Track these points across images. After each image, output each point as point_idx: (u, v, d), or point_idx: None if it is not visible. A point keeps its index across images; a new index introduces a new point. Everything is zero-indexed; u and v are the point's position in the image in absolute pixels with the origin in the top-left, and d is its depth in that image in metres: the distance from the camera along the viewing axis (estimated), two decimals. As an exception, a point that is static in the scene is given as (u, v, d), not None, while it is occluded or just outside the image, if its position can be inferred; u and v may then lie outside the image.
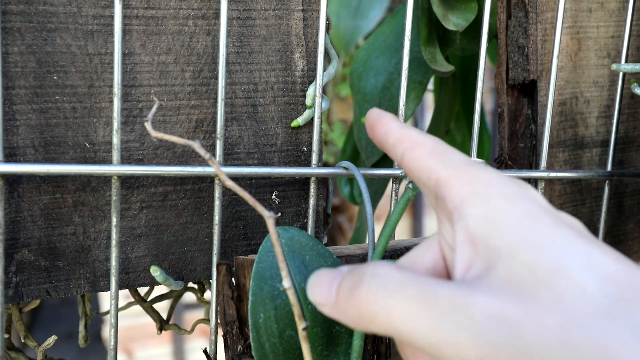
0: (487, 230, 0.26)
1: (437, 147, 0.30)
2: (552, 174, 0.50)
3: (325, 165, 1.30)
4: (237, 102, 0.44)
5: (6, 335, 0.47)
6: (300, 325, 0.32)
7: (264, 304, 0.37)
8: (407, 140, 0.31)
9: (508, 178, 0.28)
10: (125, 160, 0.42)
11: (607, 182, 0.52)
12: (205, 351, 0.45)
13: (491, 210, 0.26)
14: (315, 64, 0.45)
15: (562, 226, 0.25)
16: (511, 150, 0.53)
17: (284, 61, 0.45)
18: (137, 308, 0.52)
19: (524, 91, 0.53)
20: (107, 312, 0.48)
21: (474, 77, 0.64)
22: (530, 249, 0.24)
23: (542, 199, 0.27)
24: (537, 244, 0.24)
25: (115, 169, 0.40)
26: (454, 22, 0.53)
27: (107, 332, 1.92)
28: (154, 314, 0.52)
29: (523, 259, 0.24)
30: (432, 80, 0.72)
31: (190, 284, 0.52)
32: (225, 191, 0.45)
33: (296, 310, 0.32)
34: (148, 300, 0.51)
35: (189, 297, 1.85)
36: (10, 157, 0.40)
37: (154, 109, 0.37)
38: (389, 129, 0.32)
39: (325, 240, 0.49)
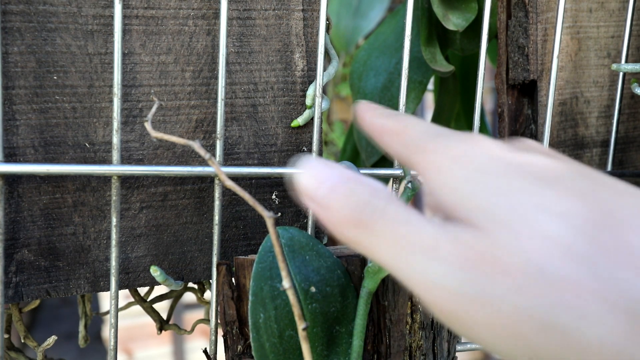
0: (446, 197, 0.26)
1: (398, 127, 0.30)
2: (552, 174, 0.50)
3: (325, 165, 1.29)
4: (237, 102, 0.44)
5: (6, 336, 0.47)
6: (300, 325, 0.32)
7: (264, 304, 0.37)
8: (376, 130, 0.31)
9: (456, 138, 0.27)
10: (125, 160, 0.42)
11: (607, 182, 0.52)
12: (205, 351, 0.45)
13: (444, 178, 0.26)
14: (315, 64, 0.45)
15: (513, 174, 0.25)
16: (511, 150, 0.53)
17: (284, 61, 0.45)
18: (137, 308, 0.52)
19: (524, 91, 0.53)
20: (107, 312, 0.48)
21: (474, 77, 0.64)
22: (482, 196, 0.24)
23: (497, 147, 0.27)
24: (490, 192, 0.24)
25: (115, 169, 0.40)
26: (454, 22, 0.53)
27: (107, 332, 1.92)
28: (154, 314, 0.52)
29: (478, 205, 0.24)
30: (432, 80, 0.72)
31: (190, 284, 0.52)
32: (225, 191, 0.45)
33: (296, 310, 0.32)
34: (148, 300, 0.51)
35: (189, 297, 1.85)
36: (10, 157, 0.40)
37: (153, 109, 0.37)
38: (363, 122, 0.32)
39: (325, 240, 0.49)
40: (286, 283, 0.31)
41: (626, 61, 0.51)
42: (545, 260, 0.22)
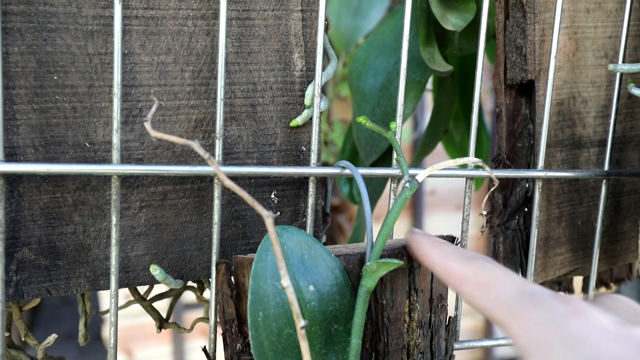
0: None
1: (481, 278, 0.30)
2: (550, 174, 0.50)
3: (325, 165, 1.30)
4: (236, 102, 0.45)
5: (7, 334, 0.47)
6: (299, 323, 0.32)
7: (262, 302, 0.37)
8: (453, 276, 0.31)
9: (559, 308, 0.26)
10: (125, 159, 0.43)
11: (604, 181, 0.52)
12: (204, 350, 0.45)
13: None
14: (314, 64, 0.45)
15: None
16: (509, 149, 0.54)
17: (283, 61, 0.45)
18: (137, 309, 0.52)
19: (522, 91, 0.53)
20: (107, 311, 0.48)
21: (473, 77, 0.64)
22: None
23: (603, 320, 0.25)
24: None
25: (115, 168, 0.40)
26: (453, 22, 0.53)
27: (107, 331, 1.92)
28: (154, 313, 0.52)
29: None
30: (431, 80, 0.73)
31: (190, 283, 0.53)
32: (225, 190, 0.45)
33: (294, 308, 0.32)
34: (148, 299, 0.52)
35: (189, 296, 1.85)
36: (10, 157, 0.40)
37: (153, 109, 0.38)
38: (433, 263, 0.33)
39: (323, 239, 0.50)
40: (285, 282, 0.32)
41: (623, 61, 0.51)
42: None
